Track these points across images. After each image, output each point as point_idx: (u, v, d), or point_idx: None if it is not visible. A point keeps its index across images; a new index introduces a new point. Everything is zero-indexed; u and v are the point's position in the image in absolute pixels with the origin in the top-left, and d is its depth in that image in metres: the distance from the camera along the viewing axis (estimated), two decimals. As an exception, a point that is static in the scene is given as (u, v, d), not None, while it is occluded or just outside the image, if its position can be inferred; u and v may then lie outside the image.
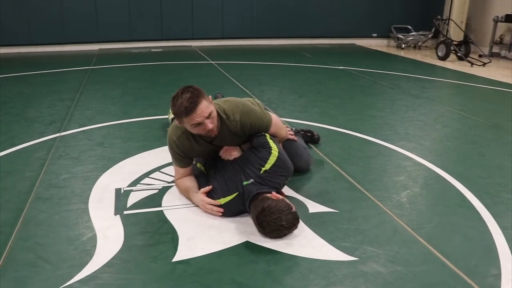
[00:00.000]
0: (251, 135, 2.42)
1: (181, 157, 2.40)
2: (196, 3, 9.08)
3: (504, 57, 8.50)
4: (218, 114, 2.30)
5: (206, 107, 2.15)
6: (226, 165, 2.36)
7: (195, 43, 9.37)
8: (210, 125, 2.18)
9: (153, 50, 8.63)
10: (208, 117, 2.17)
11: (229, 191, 2.23)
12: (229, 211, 2.25)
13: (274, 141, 2.37)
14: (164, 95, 4.90)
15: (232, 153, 2.40)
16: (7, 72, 6.23)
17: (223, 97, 4.14)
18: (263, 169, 2.24)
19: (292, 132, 2.90)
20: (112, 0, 8.58)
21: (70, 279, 1.77)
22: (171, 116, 3.59)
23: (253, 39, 9.70)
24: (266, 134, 2.41)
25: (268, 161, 2.25)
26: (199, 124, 2.16)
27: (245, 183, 2.22)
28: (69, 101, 4.59)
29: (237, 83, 5.53)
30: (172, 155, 2.44)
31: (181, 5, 9.01)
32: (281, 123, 2.64)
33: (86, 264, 1.87)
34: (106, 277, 1.79)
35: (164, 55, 8.06)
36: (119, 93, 4.97)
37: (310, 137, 3.33)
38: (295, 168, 2.69)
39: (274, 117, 2.55)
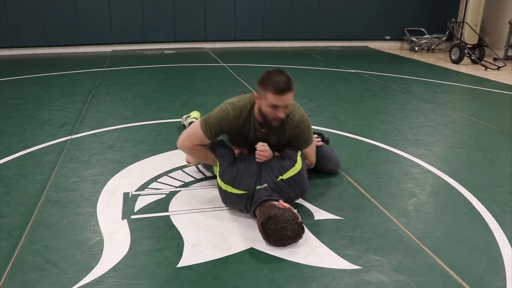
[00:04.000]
0: (287, 145, 2.50)
1: (215, 132, 2.41)
2: (209, 5, 9.14)
3: (520, 61, 8.39)
4: None
5: (291, 97, 2.30)
6: (251, 162, 2.37)
7: (208, 45, 9.43)
8: (283, 113, 2.30)
9: (165, 52, 8.70)
10: (287, 106, 2.29)
11: (239, 186, 2.26)
12: (231, 203, 2.34)
13: (302, 159, 2.42)
14: (174, 98, 4.95)
15: (265, 155, 2.39)
16: (22, 74, 6.34)
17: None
18: (281, 177, 2.28)
19: (319, 139, 2.96)
20: (125, 2, 8.68)
21: (77, 283, 1.81)
22: (188, 121, 3.63)
23: (265, 41, 9.72)
24: (299, 151, 2.47)
25: (288, 172, 2.30)
26: (278, 106, 2.25)
27: (258, 187, 2.24)
28: (81, 103, 4.66)
29: (248, 86, 5.55)
30: (209, 124, 2.40)
31: (194, 7, 9.07)
32: (314, 150, 2.72)
33: (93, 268, 1.90)
34: (111, 282, 1.82)
35: (176, 57, 8.12)
36: (130, 96, 5.02)
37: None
38: (325, 170, 2.88)
39: (313, 143, 2.67)
